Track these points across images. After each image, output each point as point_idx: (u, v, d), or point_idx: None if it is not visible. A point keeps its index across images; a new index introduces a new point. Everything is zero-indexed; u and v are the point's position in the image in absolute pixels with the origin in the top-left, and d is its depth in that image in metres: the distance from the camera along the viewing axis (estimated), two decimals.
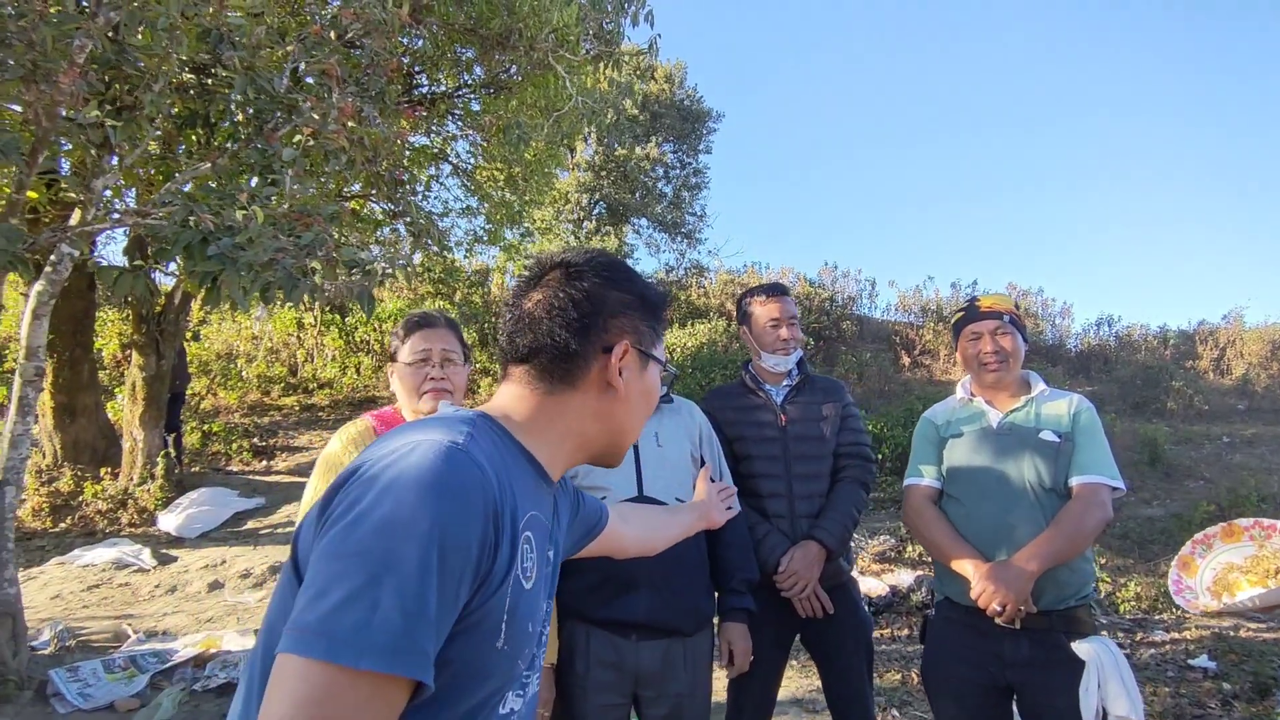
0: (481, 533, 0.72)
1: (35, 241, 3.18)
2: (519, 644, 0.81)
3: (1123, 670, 1.82)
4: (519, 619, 0.79)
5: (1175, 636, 4.32)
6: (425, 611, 0.66)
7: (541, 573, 0.87)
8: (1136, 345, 13.74)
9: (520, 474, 0.85)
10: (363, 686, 0.63)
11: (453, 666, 0.73)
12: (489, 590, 0.74)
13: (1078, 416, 2.02)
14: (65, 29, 2.80)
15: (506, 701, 0.83)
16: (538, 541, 0.85)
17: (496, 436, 0.85)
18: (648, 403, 0.99)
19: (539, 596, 0.86)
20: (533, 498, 0.86)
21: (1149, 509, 7.20)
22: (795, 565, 2.11)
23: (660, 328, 1.02)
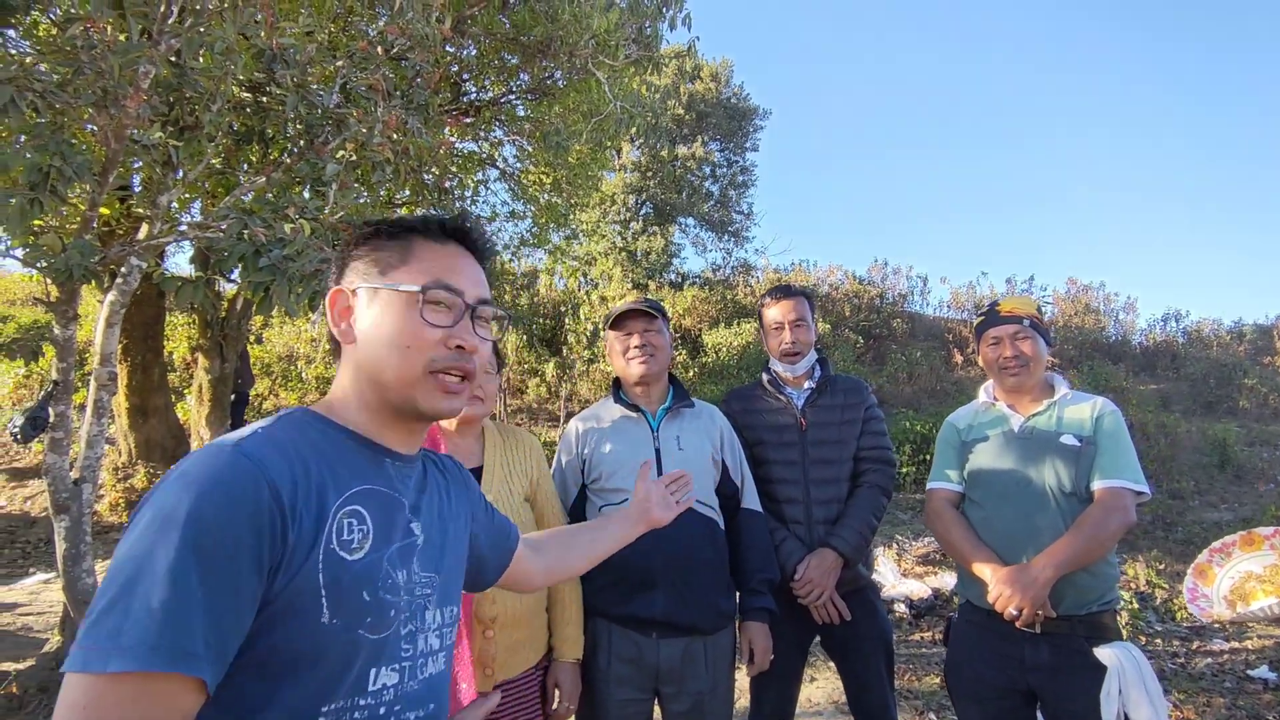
0: (251, 520, 0.73)
1: (106, 255, 3.41)
2: (353, 615, 0.81)
3: (1145, 677, 1.80)
4: (345, 590, 0.80)
5: (1235, 646, 4.15)
6: (182, 606, 0.67)
7: (389, 543, 0.87)
8: (1207, 341, 13.13)
9: (342, 454, 0.88)
10: (124, 690, 0.65)
11: (278, 649, 0.75)
12: (290, 570, 0.76)
13: (1100, 420, 1.99)
14: (131, 57, 2.99)
15: (378, 677, 0.84)
16: (376, 514, 0.87)
17: (306, 424, 0.88)
18: (381, 331, 0.91)
19: (380, 565, 0.85)
20: (364, 474, 0.88)
21: (1215, 513, 6.90)
22: (811, 573, 2.12)
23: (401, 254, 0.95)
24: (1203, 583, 1.61)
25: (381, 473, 0.92)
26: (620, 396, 2.12)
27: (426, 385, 0.91)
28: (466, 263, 0.99)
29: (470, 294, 0.96)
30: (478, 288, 0.98)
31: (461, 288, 0.94)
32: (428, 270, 0.93)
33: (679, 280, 15.05)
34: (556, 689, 1.85)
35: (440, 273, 0.94)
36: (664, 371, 2.13)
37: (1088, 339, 12.51)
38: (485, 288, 1.00)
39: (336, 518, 0.82)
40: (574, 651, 1.88)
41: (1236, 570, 1.58)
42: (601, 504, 2.00)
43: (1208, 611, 1.57)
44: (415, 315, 0.91)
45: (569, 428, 2.15)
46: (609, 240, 14.58)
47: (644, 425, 2.07)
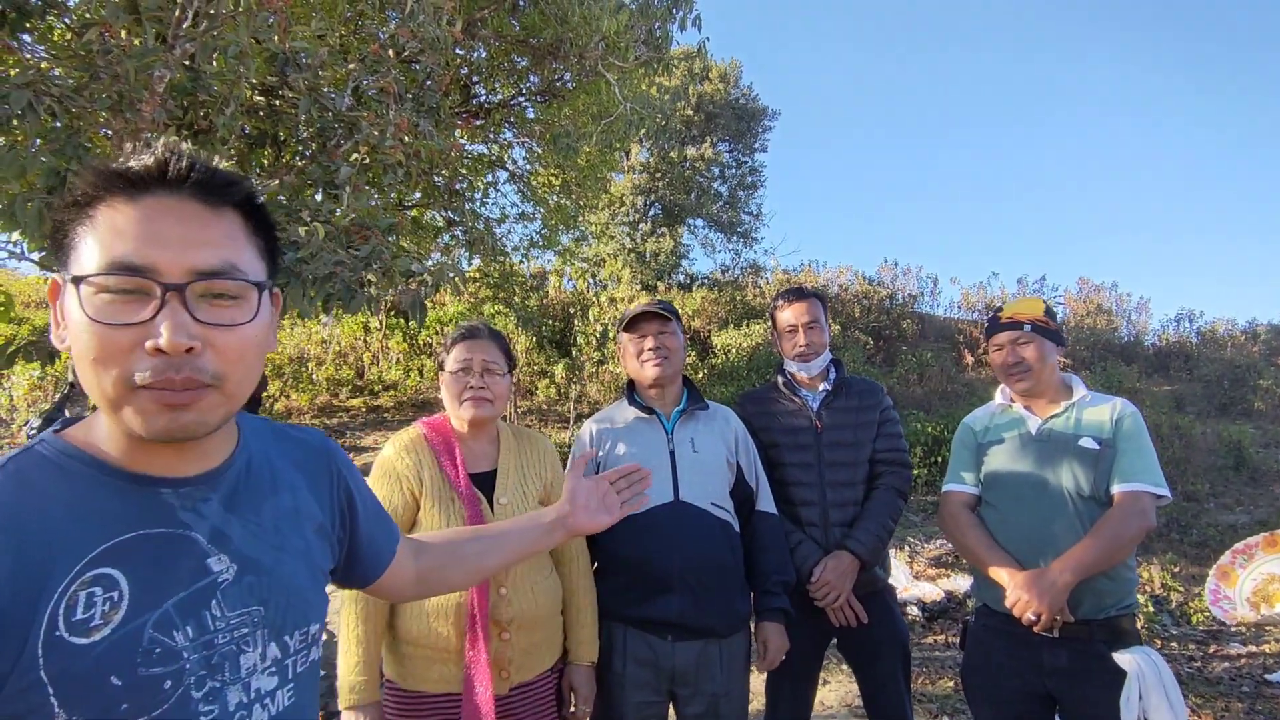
0: None
1: None
2: (102, 708, 0.67)
3: (1166, 681, 1.78)
4: (83, 682, 0.66)
5: (1253, 649, 4.11)
6: None
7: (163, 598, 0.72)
8: (1221, 342, 13.01)
9: (87, 503, 0.71)
10: None
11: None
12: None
13: (1120, 422, 1.97)
14: (147, 61, 3.02)
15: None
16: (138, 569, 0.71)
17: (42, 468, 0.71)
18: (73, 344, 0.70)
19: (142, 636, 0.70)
20: (119, 521, 0.72)
21: (1231, 515, 6.83)
22: (828, 576, 2.11)
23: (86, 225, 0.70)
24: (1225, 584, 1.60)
25: (154, 511, 0.74)
26: (635, 399, 2.12)
27: (137, 403, 0.69)
28: (175, 219, 0.71)
29: (173, 268, 0.69)
30: (188, 253, 0.70)
31: (151, 262, 0.68)
32: (102, 245, 0.68)
33: (688, 281, 15.03)
34: (572, 692, 1.85)
35: (118, 246, 0.68)
36: (678, 374, 2.13)
37: (1100, 339, 12.42)
38: (218, 250, 0.72)
39: (66, 594, 0.67)
40: (589, 654, 1.88)
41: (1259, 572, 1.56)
42: None
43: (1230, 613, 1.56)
44: (83, 315, 0.68)
45: (583, 430, 2.14)
46: (618, 242, 14.60)
47: (658, 427, 2.07)
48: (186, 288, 0.69)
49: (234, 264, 0.73)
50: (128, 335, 0.68)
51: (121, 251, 0.68)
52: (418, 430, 1.88)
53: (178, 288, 0.69)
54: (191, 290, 0.70)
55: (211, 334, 0.71)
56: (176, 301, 0.69)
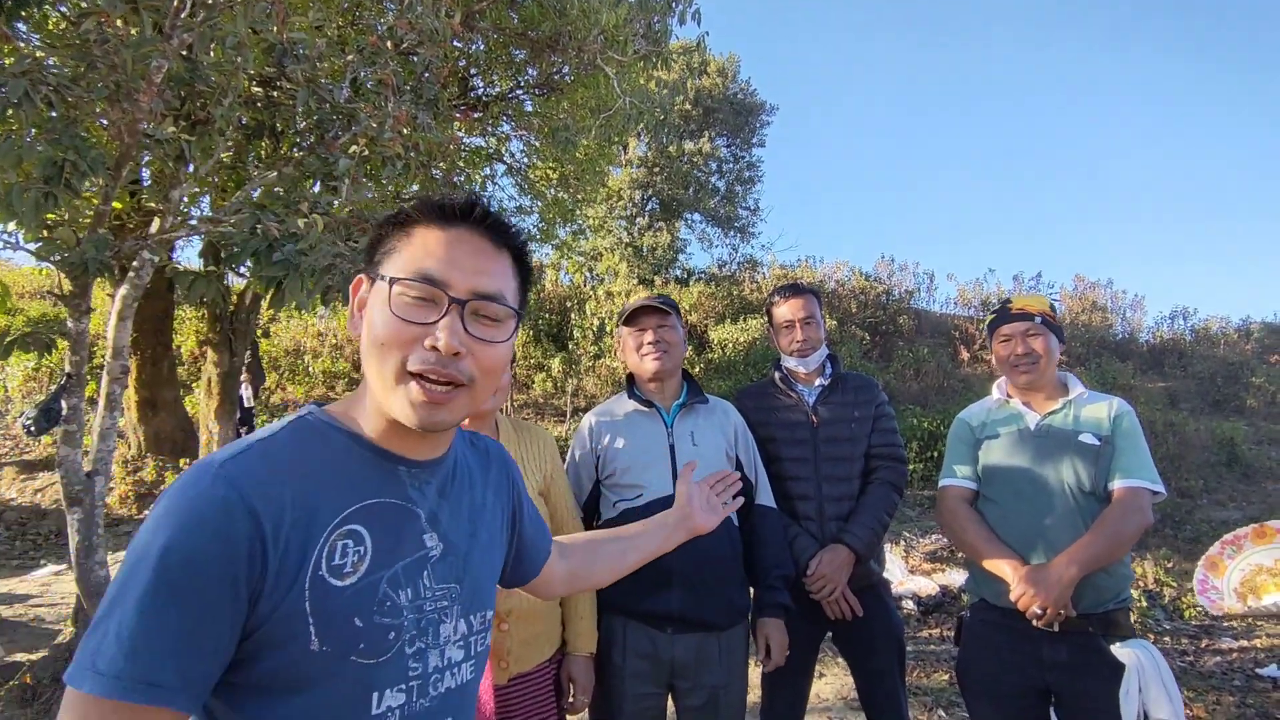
0: (225, 550, 0.71)
1: (120, 249, 3.42)
2: (345, 642, 0.78)
3: (1164, 673, 1.80)
4: (334, 617, 0.77)
5: (1244, 644, 4.15)
6: (150, 638, 0.68)
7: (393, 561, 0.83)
8: (1215, 339, 13.07)
9: (345, 468, 0.83)
10: (101, 709, 0.68)
11: (269, 675, 0.75)
12: (274, 598, 0.74)
13: (1119, 420, 1.98)
14: (144, 51, 3.00)
15: (381, 700, 0.81)
16: (379, 531, 0.83)
17: (313, 433, 0.84)
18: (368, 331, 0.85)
19: (378, 588, 0.82)
20: (368, 488, 0.84)
21: (1223, 511, 6.88)
22: (824, 569, 2.13)
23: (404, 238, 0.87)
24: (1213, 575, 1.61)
25: (393, 483, 0.87)
26: (634, 392, 2.12)
27: (401, 391, 0.82)
28: (469, 250, 0.86)
29: (460, 286, 0.84)
30: (476, 276, 0.85)
31: (447, 278, 0.83)
32: (415, 258, 0.84)
33: (685, 276, 15.04)
34: (571, 683, 1.86)
35: (427, 261, 0.84)
36: (678, 368, 2.13)
37: (1095, 336, 12.47)
38: (494, 279, 0.87)
39: (328, 541, 0.78)
40: (588, 646, 1.89)
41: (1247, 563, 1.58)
42: (616, 499, 2.01)
43: (1217, 604, 1.58)
44: (387, 309, 0.82)
45: (583, 423, 2.15)
46: (615, 236, 14.58)
47: (658, 421, 2.07)
48: (466, 304, 0.84)
49: (503, 293, 0.89)
50: (414, 331, 0.82)
51: (427, 266, 0.84)
52: None
53: (461, 302, 0.84)
54: (469, 307, 0.85)
55: (475, 345, 0.85)
56: (456, 313, 0.84)
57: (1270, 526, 1.63)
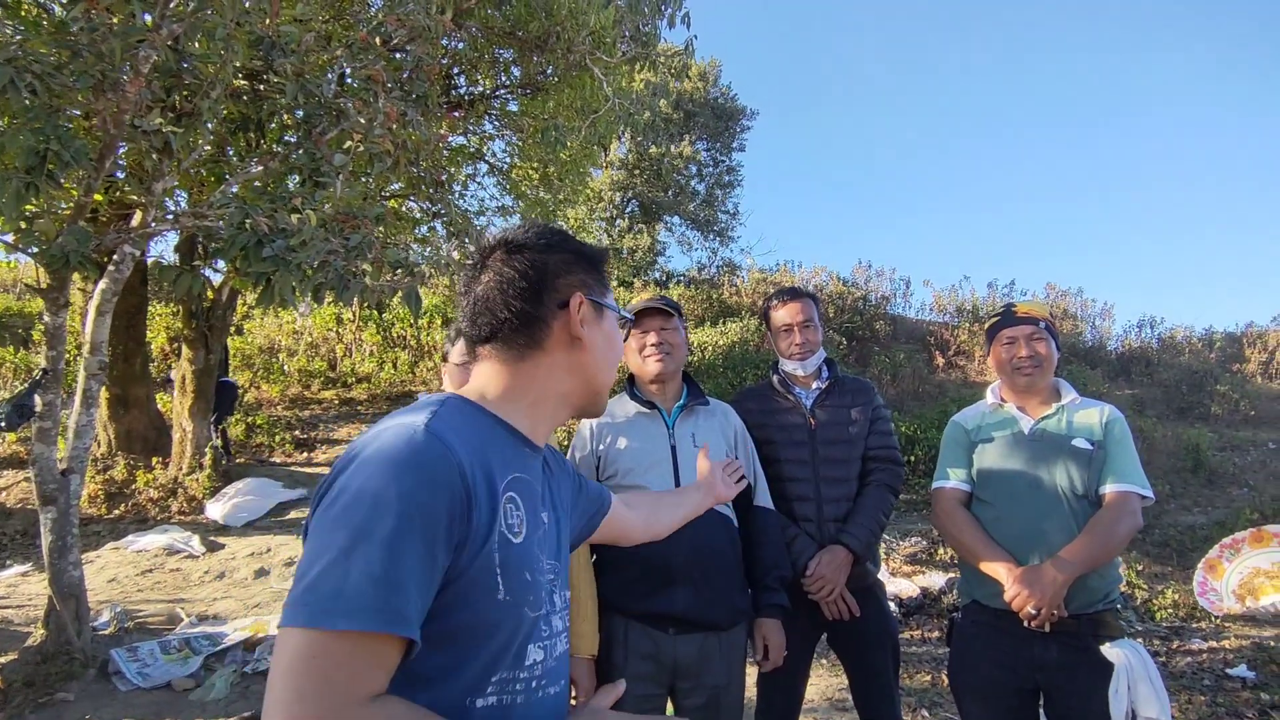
0: (448, 500, 0.79)
1: (101, 242, 3.34)
2: (520, 593, 0.87)
3: (1151, 673, 1.84)
4: (513, 571, 0.86)
5: (1214, 645, 4.26)
6: (398, 574, 0.74)
7: (535, 529, 0.93)
8: (1180, 348, 13.40)
9: (497, 443, 0.92)
10: (344, 646, 0.71)
11: (463, 621, 0.82)
12: (474, 549, 0.82)
13: (1110, 426, 2.03)
14: (131, 41, 2.94)
15: (529, 654, 0.89)
16: (525, 501, 0.92)
17: (468, 412, 0.93)
18: (612, 348, 1.06)
19: (532, 549, 0.91)
20: (515, 463, 0.93)
21: (1190, 516, 7.06)
22: (822, 569, 2.15)
23: (604, 279, 1.08)
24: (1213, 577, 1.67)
25: (524, 462, 0.96)
26: (635, 394, 2.13)
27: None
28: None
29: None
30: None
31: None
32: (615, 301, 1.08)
33: (664, 278, 15.06)
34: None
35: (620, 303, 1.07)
36: (679, 369, 2.14)
37: (1065, 344, 12.71)
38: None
39: (503, 502, 0.87)
40: (590, 648, 1.89)
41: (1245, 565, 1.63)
42: None
43: (1217, 605, 1.63)
44: (621, 336, 1.09)
45: (584, 423, 2.15)
46: (595, 237, 14.57)
47: (659, 422, 2.08)
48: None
49: None
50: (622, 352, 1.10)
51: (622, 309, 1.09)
52: None
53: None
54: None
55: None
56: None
57: (1268, 531, 1.69)
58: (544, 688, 0.92)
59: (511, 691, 0.87)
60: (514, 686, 0.87)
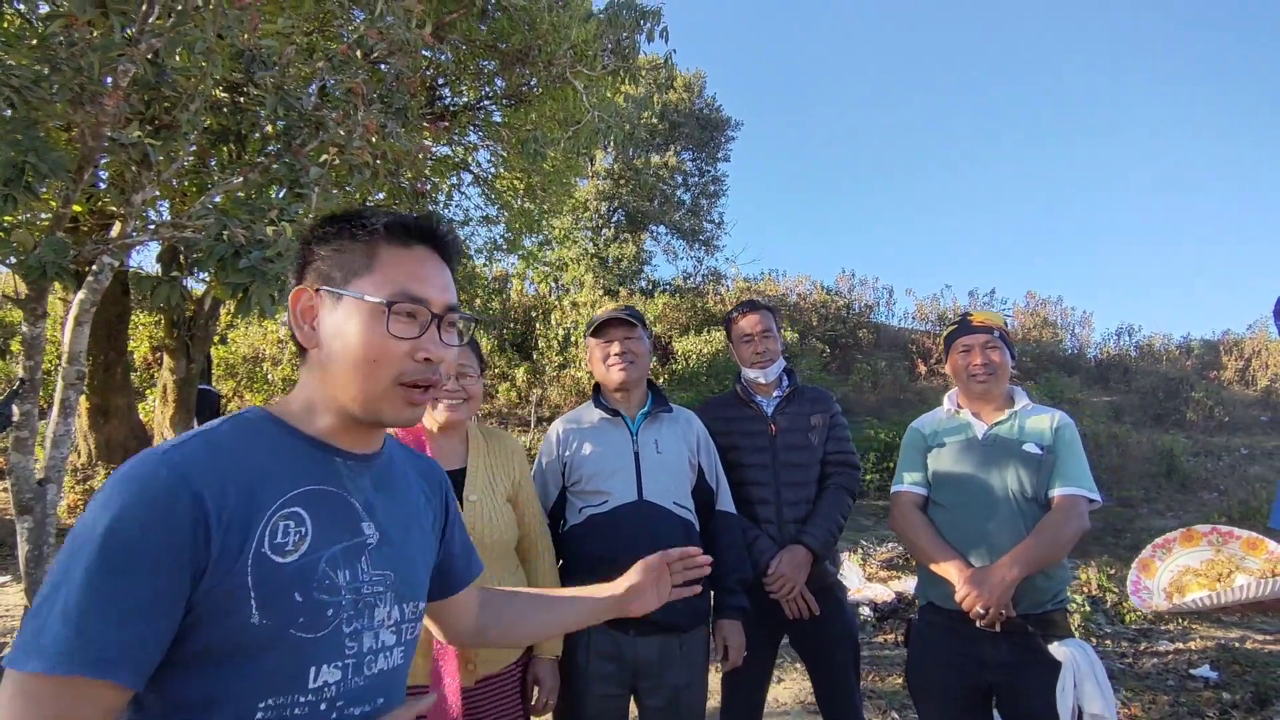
0: (171, 530, 0.75)
1: (79, 253, 3.37)
2: (285, 615, 0.82)
3: (1097, 671, 1.91)
4: (274, 592, 0.81)
5: (1179, 647, 4.35)
6: (99, 615, 0.71)
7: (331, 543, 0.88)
8: (1158, 355, 13.63)
9: (286, 457, 0.88)
10: (45, 687, 0.70)
11: (211, 647, 0.79)
12: (219, 573, 0.78)
13: (1060, 431, 2.11)
14: (110, 55, 2.98)
15: (318, 674, 0.85)
16: (318, 515, 0.88)
17: (254, 427, 0.89)
18: (346, 344, 0.90)
19: (316, 566, 0.85)
20: (308, 475, 0.89)
21: (1162, 520, 7.18)
22: (783, 568, 2.21)
23: (368, 257, 0.92)
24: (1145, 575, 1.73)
25: (330, 473, 0.92)
26: (601, 401, 2.19)
27: (392, 398, 0.91)
28: (434, 267, 0.96)
29: (437, 302, 0.93)
30: (445, 294, 0.95)
31: (428, 296, 0.93)
32: (393, 279, 0.91)
33: (650, 287, 15.16)
34: (537, 684, 1.90)
35: (406, 281, 0.91)
36: (643, 378, 2.20)
37: (1045, 352, 12.90)
38: (453, 292, 0.98)
39: (271, 521, 0.83)
40: (554, 648, 1.94)
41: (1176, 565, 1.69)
42: (581, 505, 2.06)
43: (1147, 603, 1.69)
44: (381, 328, 0.89)
45: (550, 430, 2.20)
46: (581, 246, 14.65)
47: (624, 429, 2.14)
48: (444, 318, 0.94)
49: (457, 303, 0.98)
50: (405, 345, 0.90)
51: (410, 286, 0.91)
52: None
53: (438, 318, 0.93)
54: (446, 320, 0.95)
55: (447, 352, 0.95)
56: (435, 326, 0.93)
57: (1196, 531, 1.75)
58: (343, 709, 0.88)
59: (290, 716, 0.83)
60: (293, 711, 0.83)
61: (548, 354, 10.60)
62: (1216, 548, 1.79)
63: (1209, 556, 1.78)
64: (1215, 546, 1.79)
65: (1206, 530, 1.84)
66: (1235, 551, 1.75)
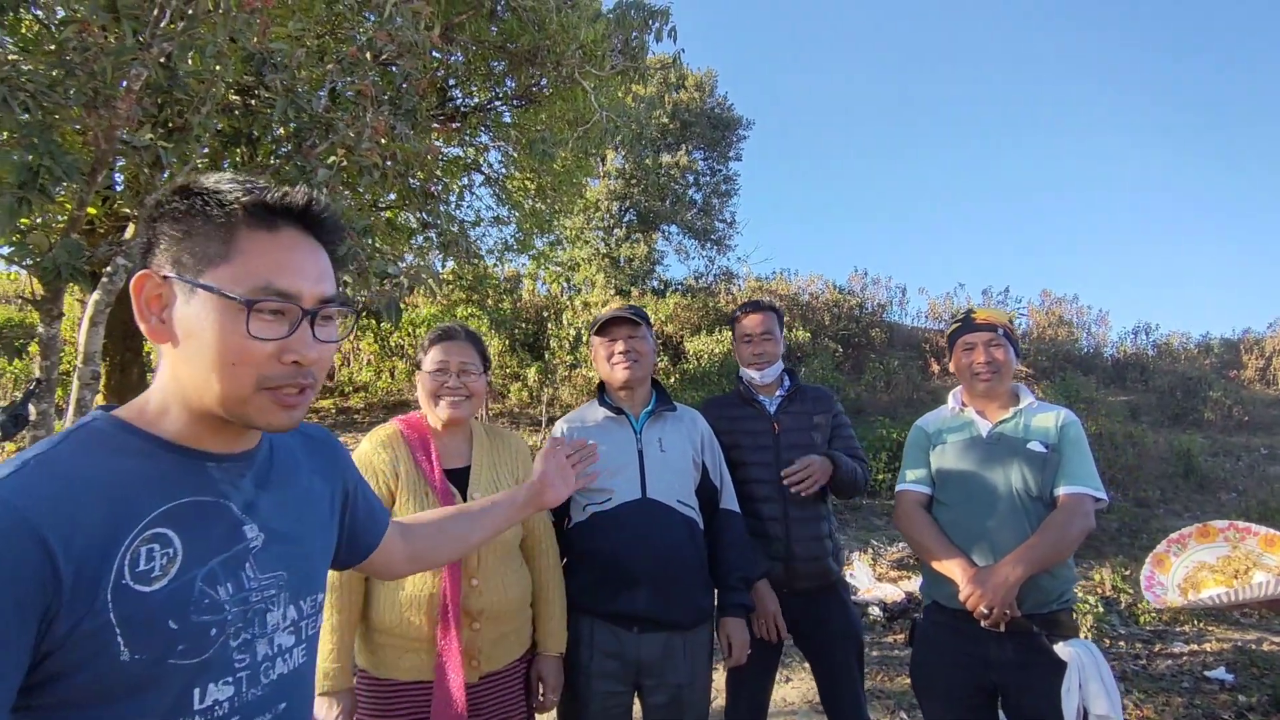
0: (10, 577, 0.67)
1: (93, 255, 3.42)
2: (161, 647, 0.76)
3: (1103, 671, 1.89)
4: (145, 624, 0.75)
5: (1195, 648, 4.30)
6: None
7: (207, 558, 0.81)
8: (1176, 354, 13.45)
9: (144, 472, 0.80)
10: None
11: (78, 689, 0.72)
12: (73, 615, 0.71)
13: (1065, 429, 2.09)
14: (123, 59, 3.02)
15: (205, 694, 0.80)
16: (188, 531, 0.81)
17: (101, 441, 0.80)
18: (203, 345, 0.80)
19: (190, 588, 0.79)
20: (172, 489, 0.81)
21: (1179, 520, 7.09)
22: (814, 465, 2.26)
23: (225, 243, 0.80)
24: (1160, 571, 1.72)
25: (200, 480, 0.84)
26: (605, 400, 2.20)
27: (259, 402, 0.82)
28: (305, 254, 0.85)
29: (309, 296, 0.83)
30: (319, 284, 0.85)
31: (298, 290, 0.82)
32: (254, 270, 0.80)
33: (662, 287, 15.14)
34: (540, 681, 1.91)
35: (271, 272, 0.81)
36: (647, 376, 2.21)
37: (1060, 350, 12.77)
38: (329, 281, 0.87)
39: (130, 549, 0.75)
40: (558, 645, 1.95)
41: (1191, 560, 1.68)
42: (585, 502, 2.07)
43: (1161, 598, 1.68)
44: (240, 328, 0.79)
45: (555, 429, 2.21)
46: (592, 246, 14.66)
47: (627, 427, 2.14)
48: (317, 313, 0.85)
49: (335, 293, 0.88)
50: (270, 347, 0.81)
51: (275, 280, 0.81)
52: (394, 427, 1.93)
53: (311, 313, 0.84)
54: (320, 314, 0.85)
55: (321, 352, 0.86)
56: (307, 323, 0.84)
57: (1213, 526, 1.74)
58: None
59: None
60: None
61: (559, 354, 10.62)
62: (1233, 544, 1.77)
63: (1225, 553, 1.76)
64: (1232, 543, 1.78)
65: (1223, 526, 1.82)
66: (1253, 548, 1.73)
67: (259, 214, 0.82)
